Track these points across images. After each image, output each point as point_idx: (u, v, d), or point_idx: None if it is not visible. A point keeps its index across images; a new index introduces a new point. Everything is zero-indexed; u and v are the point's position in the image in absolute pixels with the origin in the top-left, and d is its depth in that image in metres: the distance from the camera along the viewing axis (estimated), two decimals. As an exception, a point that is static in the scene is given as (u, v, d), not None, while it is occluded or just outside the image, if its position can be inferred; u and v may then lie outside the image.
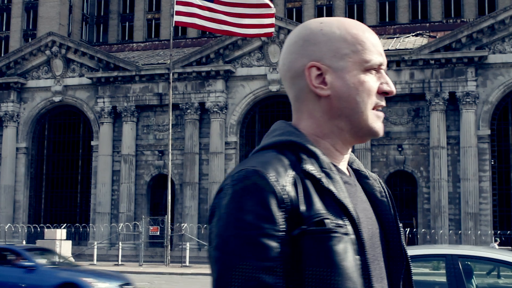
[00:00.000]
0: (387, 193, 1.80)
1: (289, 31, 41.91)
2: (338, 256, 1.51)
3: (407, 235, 37.80)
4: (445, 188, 38.52)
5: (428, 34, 46.49)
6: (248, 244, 1.48)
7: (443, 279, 7.46)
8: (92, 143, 45.77)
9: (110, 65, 44.95)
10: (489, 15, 40.01)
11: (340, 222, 1.55)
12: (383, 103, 1.71)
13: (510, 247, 34.04)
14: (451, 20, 54.34)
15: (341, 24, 1.71)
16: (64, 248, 37.51)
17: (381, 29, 51.22)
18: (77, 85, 46.29)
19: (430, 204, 39.00)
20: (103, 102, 44.73)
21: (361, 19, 59.06)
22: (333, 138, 1.71)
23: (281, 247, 1.49)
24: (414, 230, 38.74)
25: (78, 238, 43.98)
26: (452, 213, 38.76)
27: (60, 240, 37.43)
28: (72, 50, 46.41)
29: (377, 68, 1.70)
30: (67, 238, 39.40)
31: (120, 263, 36.32)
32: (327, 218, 1.54)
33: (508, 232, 38.06)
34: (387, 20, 57.48)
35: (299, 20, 57.83)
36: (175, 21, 23.42)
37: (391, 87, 1.71)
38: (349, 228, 1.55)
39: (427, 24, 51.79)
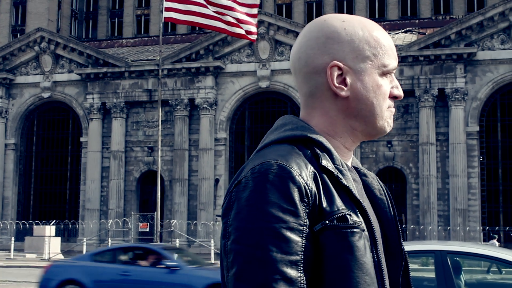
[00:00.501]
0: (385, 191, 1.82)
1: (278, 27, 41.89)
2: (359, 252, 1.54)
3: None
4: (434, 184, 38.70)
5: (417, 30, 46.67)
6: (272, 237, 1.47)
7: (432, 275, 7.49)
8: (81, 139, 45.61)
9: (100, 61, 44.78)
10: (478, 12, 40.16)
11: (357, 219, 1.57)
12: (393, 105, 1.75)
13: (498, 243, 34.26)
14: (440, 17, 54.54)
15: (364, 25, 1.71)
16: (53, 244, 37.42)
17: (371, 26, 51.37)
18: (66, 81, 46.09)
19: (419, 200, 39.18)
20: (92, 98, 44.56)
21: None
22: (345, 137, 1.73)
23: (304, 241, 1.50)
24: (403, 226, 38.91)
25: (67, 234, 43.85)
26: (441, 209, 38.95)
27: (49, 237, 37.33)
28: (61, 46, 46.20)
29: (390, 72, 1.73)
30: (56, 235, 39.29)
31: (109, 259, 36.16)
32: (350, 214, 1.56)
33: (497, 228, 38.29)
34: (376, 16, 57.54)
35: (289, 16, 57.81)
36: (165, 17, 23.33)
37: (401, 92, 1.74)
38: (364, 225, 1.58)
39: (417, 21, 52.00)
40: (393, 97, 1.73)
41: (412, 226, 38.68)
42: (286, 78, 41.64)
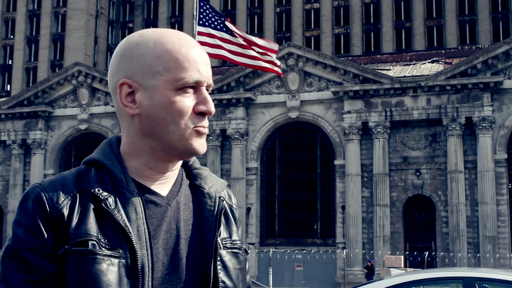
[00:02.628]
0: (216, 211, 1.74)
1: (307, 59, 42.90)
2: (92, 279, 1.50)
3: (426, 258, 38.08)
4: (463, 211, 38.81)
5: (444, 60, 47.14)
6: (14, 257, 1.53)
7: None
8: (117, 169, 46.80)
9: (134, 93, 46.14)
10: (504, 41, 40.64)
11: (116, 244, 1.55)
12: (203, 122, 1.66)
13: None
14: (466, 47, 55.02)
15: (159, 38, 1.64)
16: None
17: (398, 56, 52.00)
18: (102, 113, 47.57)
19: (448, 228, 39.28)
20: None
21: (378, 46, 59.94)
22: (146, 157, 1.67)
23: (45, 263, 1.53)
24: (433, 253, 38.99)
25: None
26: (470, 236, 38.99)
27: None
28: (97, 79, 47.74)
29: (196, 87, 1.65)
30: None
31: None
32: (91, 240, 1.53)
33: (526, 255, 38.18)
34: (403, 47, 58.34)
35: (317, 48, 58.91)
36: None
37: (208, 107, 1.65)
38: (124, 252, 1.55)
39: (443, 51, 52.47)
40: (200, 114, 1.65)
41: (442, 253, 38.78)
42: (315, 108, 42.52)
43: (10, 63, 70.01)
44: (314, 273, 41.19)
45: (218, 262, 1.67)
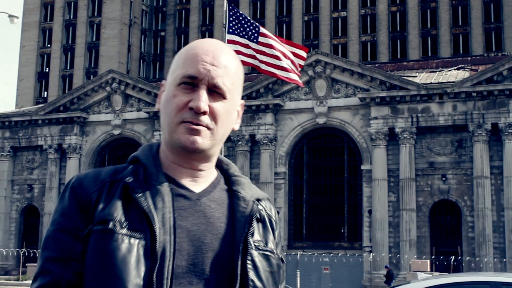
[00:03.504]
0: (249, 213, 1.78)
1: (335, 66, 43.64)
2: (109, 255, 1.60)
3: (452, 263, 38.39)
4: (489, 217, 39.02)
5: (469, 67, 47.36)
6: (47, 238, 1.70)
7: None
8: (149, 173, 47.88)
9: (166, 100, 47.21)
10: (530, 49, 40.91)
11: (137, 227, 1.64)
12: (194, 118, 1.71)
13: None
14: (492, 54, 55.09)
15: (191, 44, 1.81)
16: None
17: (424, 63, 52.34)
18: (135, 119, 48.82)
19: (474, 233, 39.49)
20: (160, 135, 47.04)
21: (404, 54, 60.36)
22: (166, 150, 1.79)
23: (72, 242, 1.66)
24: (459, 258, 39.23)
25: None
26: (496, 241, 39.14)
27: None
28: (131, 86, 48.99)
29: (197, 85, 1.73)
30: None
31: None
32: (112, 220, 1.64)
33: (552, 260, 38.22)
34: (429, 54, 58.67)
35: (345, 55, 59.53)
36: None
37: (196, 104, 1.70)
38: (145, 234, 1.63)
39: (469, 58, 52.63)
40: (191, 109, 1.71)
41: (467, 258, 38.99)
42: (342, 114, 43.21)
43: (47, 70, 71.97)
44: (341, 276, 41.78)
45: (249, 262, 1.72)
